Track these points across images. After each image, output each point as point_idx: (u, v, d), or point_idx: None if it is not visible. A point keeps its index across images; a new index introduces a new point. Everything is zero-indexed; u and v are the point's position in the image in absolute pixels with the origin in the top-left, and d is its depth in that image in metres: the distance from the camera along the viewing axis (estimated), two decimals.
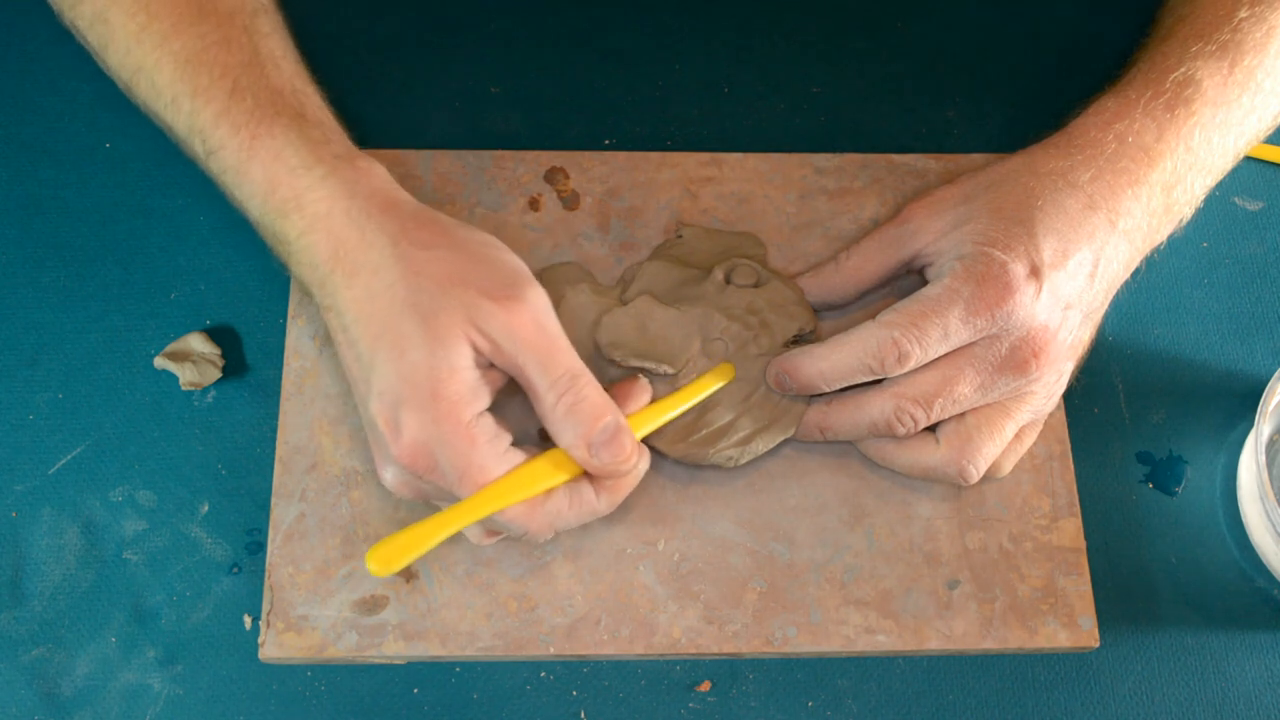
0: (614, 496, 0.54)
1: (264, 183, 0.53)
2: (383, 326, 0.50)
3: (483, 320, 0.50)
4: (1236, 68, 0.58)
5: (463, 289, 0.50)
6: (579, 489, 0.53)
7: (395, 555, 0.50)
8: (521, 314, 0.51)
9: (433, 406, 0.49)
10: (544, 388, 0.51)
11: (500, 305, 0.50)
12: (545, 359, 0.51)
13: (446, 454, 0.50)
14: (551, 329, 0.52)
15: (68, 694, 0.55)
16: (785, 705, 0.56)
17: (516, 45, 0.70)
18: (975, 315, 0.53)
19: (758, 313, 0.59)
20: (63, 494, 0.59)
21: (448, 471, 0.50)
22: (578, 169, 0.65)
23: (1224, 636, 0.58)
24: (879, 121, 0.69)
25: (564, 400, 0.51)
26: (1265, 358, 0.64)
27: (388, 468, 0.52)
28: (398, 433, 0.50)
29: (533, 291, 0.52)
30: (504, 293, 0.51)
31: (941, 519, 0.58)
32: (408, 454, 0.50)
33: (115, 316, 0.62)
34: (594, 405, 0.51)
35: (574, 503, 0.53)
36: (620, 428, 0.52)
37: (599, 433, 0.51)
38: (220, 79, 0.54)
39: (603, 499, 0.53)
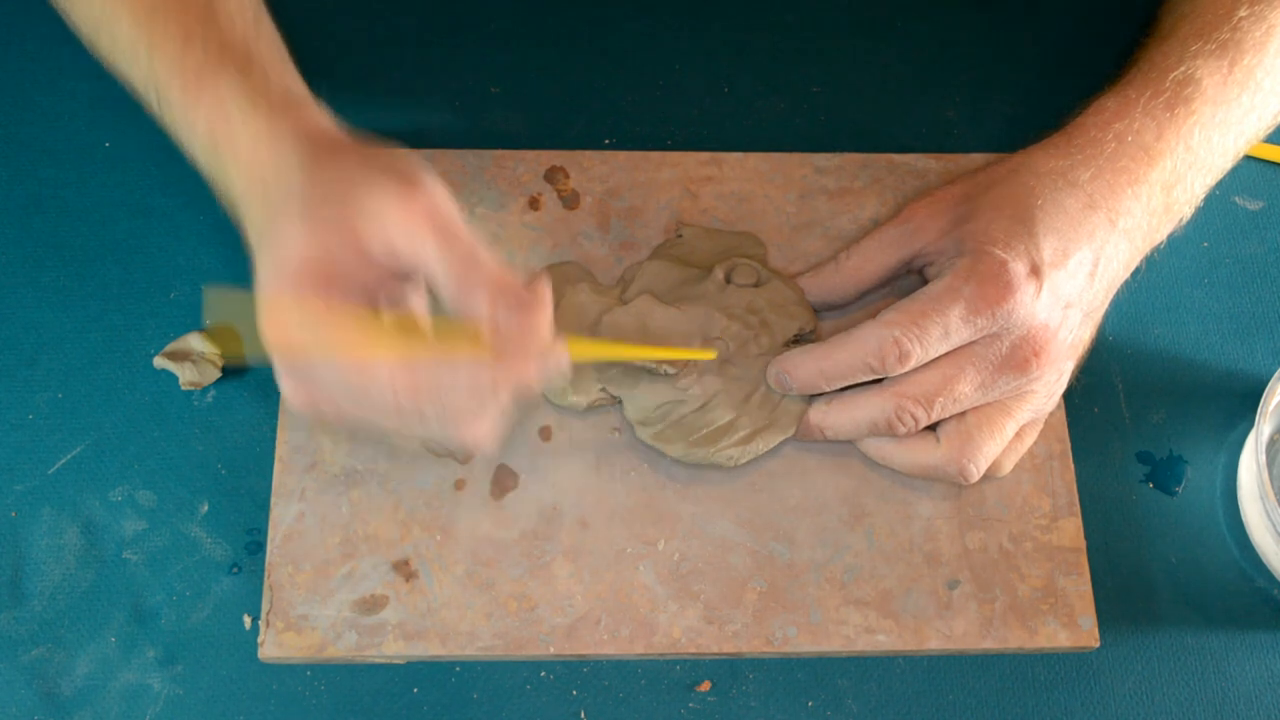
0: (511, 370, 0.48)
1: (206, 131, 0.52)
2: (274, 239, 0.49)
3: (378, 217, 0.48)
4: (1236, 67, 0.58)
5: (357, 189, 0.49)
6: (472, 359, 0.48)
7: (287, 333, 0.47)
8: (416, 204, 0.48)
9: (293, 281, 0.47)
10: (446, 264, 0.48)
11: (395, 197, 0.48)
12: (444, 242, 0.48)
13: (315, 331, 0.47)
14: (448, 214, 0.49)
15: (68, 694, 0.55)
16: (785, 705, 0.56)
17: (516, 45, 0.70)
18: (976, 314, 0.53)
19: (758, 312, 0.59)
20: (63, 494, 0.59)
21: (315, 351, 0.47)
22: (578, 169, 0.65)
23: (1224, 636, 0.58)
24: (879, 121, 0.69)
25: (469, 273, 0.48)
26: (1265, 358, 0.64)
27: (278, 372, 0.49)
28: (264, 312, 0.48)
29: (430, 182, 0.49)
30: (398, 188, 0.48)
31: (941, 519, 0.58)
32: (272, 330, 0.48)
33: (115, 316, 0.62)
34: (498, 280, 0.48)
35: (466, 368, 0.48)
36: (526, 302, 0.48)
37: (504, 307, 0.48)
38: (174, 31, 0.53)
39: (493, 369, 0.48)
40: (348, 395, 0.49)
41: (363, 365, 0.47)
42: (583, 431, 0.59)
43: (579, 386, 0.58)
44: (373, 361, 0.47)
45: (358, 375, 0.48)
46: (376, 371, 0.47)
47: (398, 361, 0.47)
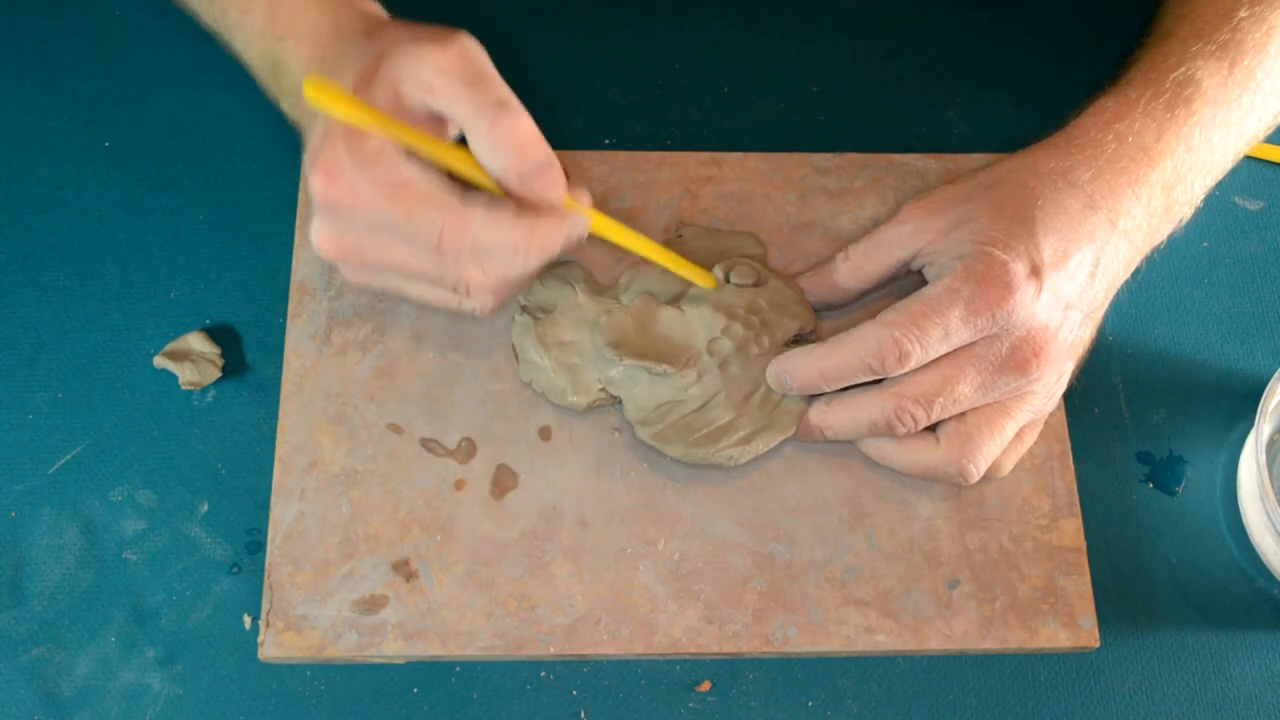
0: (537, 225, 0.51)
1: (266, 13, 0.56)
2: None
3: (412, 61, 0.51)
4: (1236, 67, 0.58)
5: (401, 44, 0.52)
6: (498, 203, 0.51)
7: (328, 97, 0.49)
8: (450, 49, 0.51)
9: (346, 132, 0.50)
10: (474, 114, 0.51)
11: (431, 45, 0.51)
12: (473, 88, 0.51)
13: (360, 171, 0.50)
14: (481, 64, 0.52)
15: (68, 694, 0.55)
16: (785, 705, 0.56)
17: (516, 45, 0.70)
18: (976, 315, 0.53)
19: (758, 312, 0.59)
20: (63, 494, 0.59)
21: (363, 189, 0.50)
22: (578, 169, 0.65)
23: (1224, 636, 0.58)
24: (879, 121, 0.69)
25: (496, 127, 0.50)
26: (1265, 358, 0.64)
27: (313, 219, 0.52)
28: (315, 163, 0.51)
29: (466, 38, 0.52)
30: (437, 38, 0.52)
31: (941, 519, 0.58)
32: (323, 178, 0.50)
33: (115, 316, 0.62)
34: (525, 135, 0.51)
35: (492, 212, 0.51)
36: (551, 162, 0.51)
37: (529, 164, 0.51)
38: None
39: (523, 222, 0.51)
40: (389, 236, 0.52)
41: (413, 210, 0.50)
42: (583, 431, 0.59)
43: (579, 386, 0.58)
44: (419, 205, 0.50)
45: (408, 214, 0.50)
46: (428, 212, 0.50)
47: (440, 206, 0.50)
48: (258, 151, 0.66)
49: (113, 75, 0.68)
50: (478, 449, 0.59)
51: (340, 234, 0.52)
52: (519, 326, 0.60)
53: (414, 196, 0.50)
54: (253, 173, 0.66)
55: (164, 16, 0.66)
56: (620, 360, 0.57)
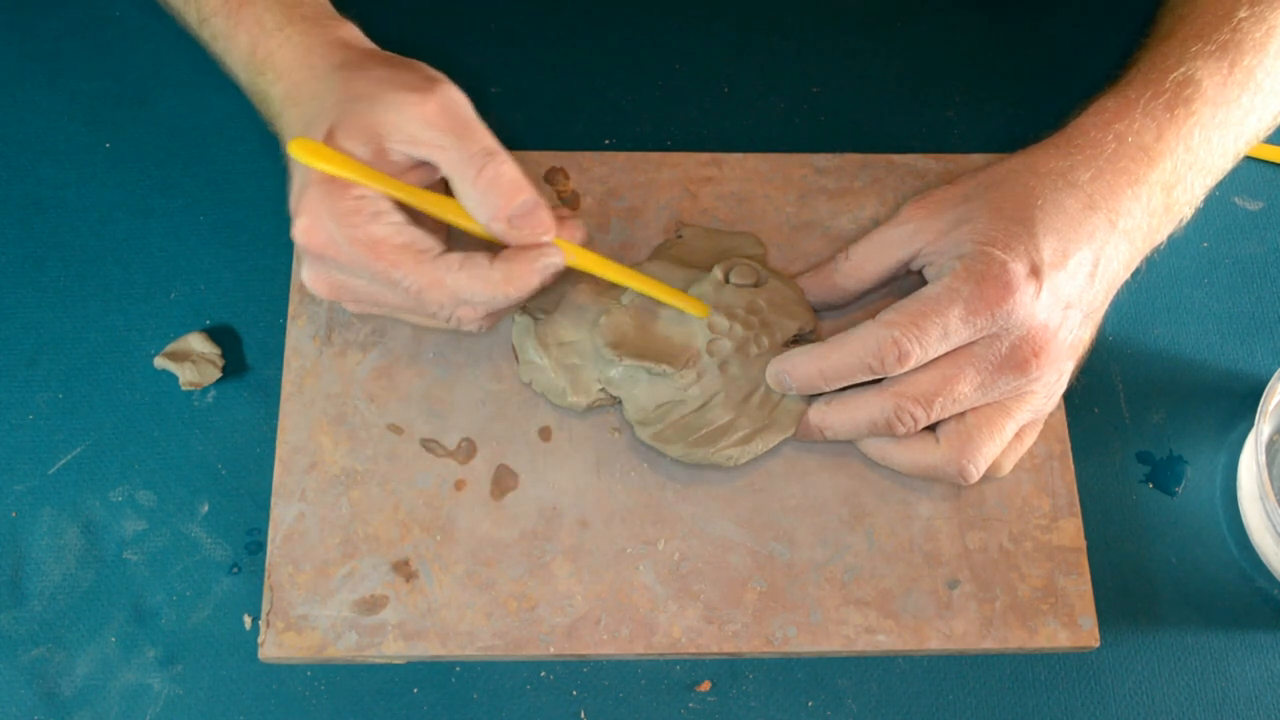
0: (512, 268, 0.53)
1: (247, 46, 0.57)
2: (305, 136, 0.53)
3: (396, 113, 0.52)
4: (1236, 68, 0.58)
5: (381, 91, 0.53)
6: (474, 256, 0.53)
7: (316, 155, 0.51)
8: (432, 102, 0.53)
9: (326, 184, 0.51)
10: (460, 163, 0.52)
11: (413, 96, 0.52)
12: (459, 139, 0.52)
13: (337, 225, 0.51)
14: (464, 114, 0.53)
15: (68, 694, 0.55)
16: (785, 705, 0.56)
17: (516, 45, 0.70)
18: (975, 314, 0.53)
19: (758, 312, 0.59)
20: (63, 494, 0.59)
21: (342, 244, 0.52)
22: (578, 169, 0.65)
23: (1224, 636, 0.58)
24: (879, 121, 0.69)
25: (483, 174, 0.52)
26: (1265, 358, 0.64)
27: (302, 262, 0.55)
28: (297, 215, 0.52)
29: (448, 87, 0.54)
30: (418, 87, 0.53)
31: (941, 519, 0.58)
32: (304, 231, 0.52)
33: (115, 316, 0.62)
34: (512, 180, 0.53)
35: (467, 262, 0.53)
36: (539, 203, 0.53)
37: (518, 206, 0.52)
38: None
39: (498, 269, 0.53)
40: (370, 285, 0.54)
41: (389, 267, 0.52)
42: (583, 431, 0.59)
43: (579, 386, 0.58)
44: (396, 263, 0.52)
45: (385, 271, 0.52)
46: (404, 270, 0.52)
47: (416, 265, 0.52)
48: (258, 153, 0.66)
49: (113, 76, 0.68)
50: (478, 449, 0.59)
51: (328, 278, 0.54)
52: (519, 327, 0.60)
53: (390, 253, 0.52)
54: (253, 173, 0.66)
55: (165, 18, 0.66)
56: (620, 360, 0.57)
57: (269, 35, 0.57)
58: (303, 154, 0.51)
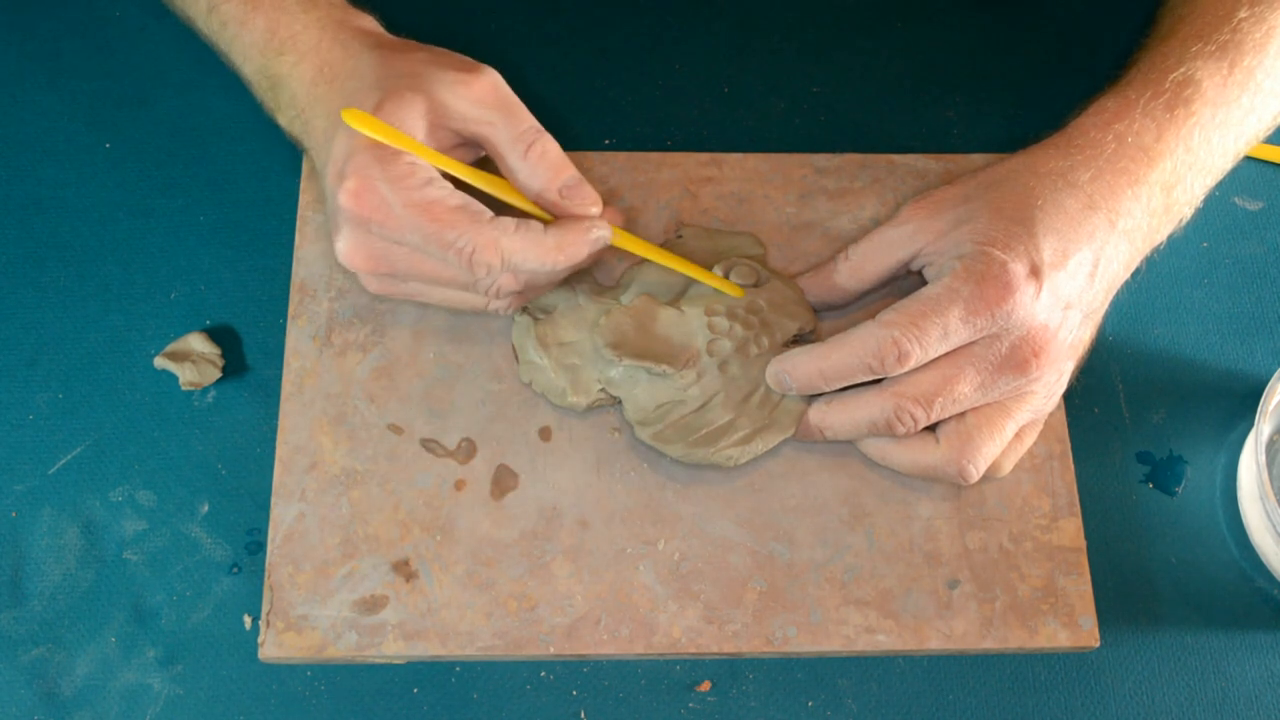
0: (565, 236, 0.54)
1: (265, 29, 0.58)
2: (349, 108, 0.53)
3: (445, 90, 0.54)
4: (1236, 68, 0.58)
5: (428, 70, 0.54)
6: (528, 221, 0.54)
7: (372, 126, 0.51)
8: (482, 82, 0.55)
9: (375, 150, 0.52)
10: (511, 139, 0.55)
11: (462, 74, 0.55)
12: (508, 116, 0.55)
13: (391, 189, 0.52)
14: (509, 95, 0.56)
15: (68, 694, 0.55)
16: (785, 705, 0.56)
17: (517, 45, 0.70)
18: (975, 315, 0.53)
19: (758, 312, 0.59)
20: (63, 494, 0.59)
21: (395, 207, 0.52)
22: (579, 169, 0.65)
23: (1224, 636, 0.58)
24: (879, 121, 0.69)
25: (533, 150, 0.55)
26: (1265, 358, 0.64)
27: (339, 232, 0.54)
28: (343, 178, 0.52)
29: (491, 70, 0.56)
30: (466, 67, 0.55)
31: (941, 519, 0.58)
32: (352, 195, 0.52)
33: (115, 316, 0.62)
34: (559, 157, 0.55)
35: (522, 226, 0.54)
36: (583, 180, 0.56)
37: (567, 179, 0.55)
38: None
39: (551, 235, 0.54)
40: (419, 250, 0.54)
41: (445, 227, 0.52)
42: (583, 431, 0.59)
43: (579, 386, 0.58)
44: (452, 224, 0.52)
45: (440, 232, 0.52)
46: (461, 229, 0.52)
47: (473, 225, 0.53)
48: (258, 153, 0.66)
49: (114, 76, 0.68)
50: (478, 449, 0.59)
51: (369, 246, 0.54)
52: (519, 327, 0.60)
53: (446, 214, 0.52)
54: (253, 174, 0.66)
55: (165, 18, 0.66)
56: (620, 361, 0.57)
57: (293, 17, 0.57)
58: (357, 122, 0.51)
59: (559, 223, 0.55)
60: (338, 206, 0.53)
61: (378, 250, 0.54)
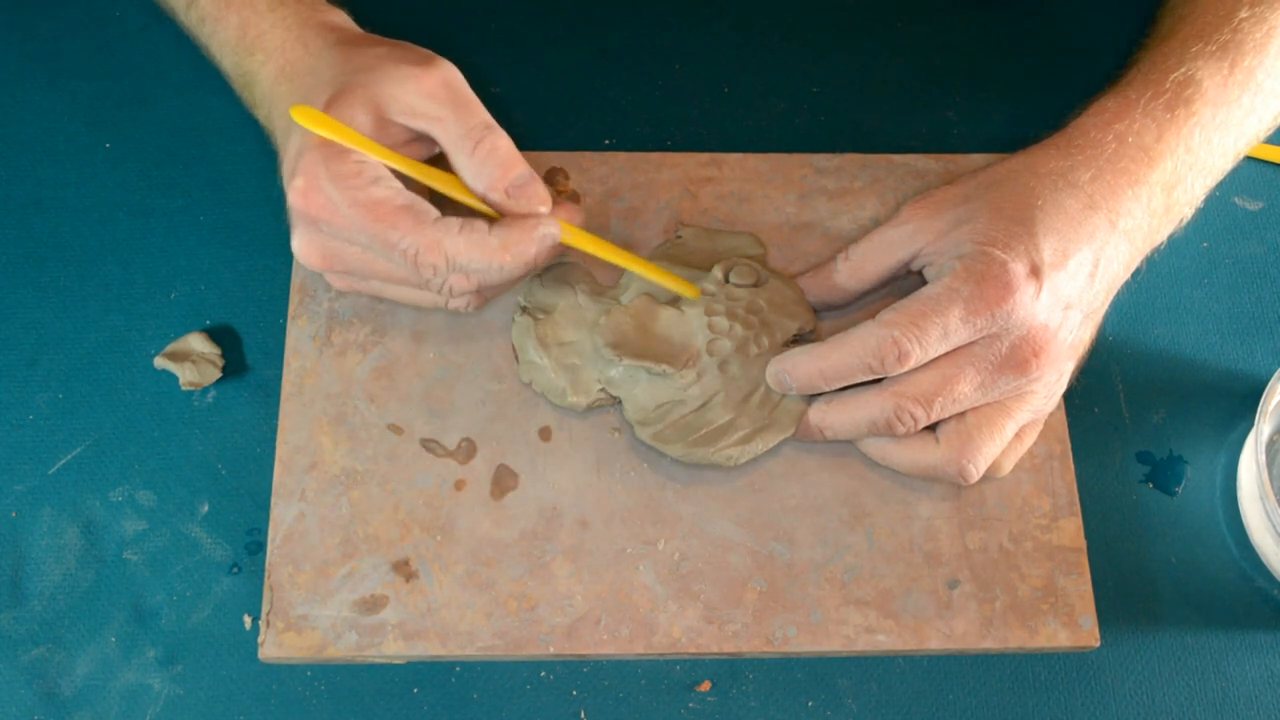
0: (510, 236, 0.53)
1: (237, 27, 0.58)
2: None
3: (395, 85, 0.53)
4: (1236, 68, 0.58)
5: (382, 67, 0.54)
6: (472, 219, 0.54)
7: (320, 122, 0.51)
8: (433, 76, 0.54)
9: (324, 149, 0.52)
10: (459, 135, 0.54)
11: (415, 69, 0.54)
12: (458, 112, 0.54)
13: (336, 188, 0.52)
14: (463, 90, 0.55)
15: (68, 694, 0.55)
16: (785, 705, 0.56)
17: (517, 45, 0.70)
18: (975, 314, 0.53)
19: (758, 312, 0.59)
20: (63, 494, 0.59)
21: (341, 206, 0.52)
22: (578, 169, 0.65)
23: (1224, 636, 0.58)
24: (879, 121, 0.69)
25: (481, 146, 0.53)
26: (1265, 358, 0.64)
27: (294, 230, 0.55)
28: (292, 176, 0.53)
29: (447, 64, 0.55)
30: (419, 62, 0.54)
31: (941, 519, 0.58)
32: (300, 193, 0.52)
33: (115, 316, 0.62)
34: (509, 153, 0.54)
35: (466, 227, 0.53)
36: (535, 177, 0.54)
37: (515, 176, 0.54)
38: None
39: (496, 235, 0.53)
40: (363, 252, 0.54)
41: (387, 228, 0.52)
42: (583, 431, 0.59)
43: (579, 386, 0.58)
44: (395, 224, 0.52)
45: (384, 233, 0.52)
46: (404, 231, 0.52)
47: (415, 226, 0.52)
48: (258, 153, 0.66)
49: (114, 76, 0.68)
50: (478, 449, 0.59)
51: (322, 245, 0.54)
52: (519, 327, 0.60)
53: (390, 214, 0.52)
54: (253, 174, 0.66)
55: (165, 18, 0.66)
56: (620, 360, 0.57)
57: (260, 16, 0.57)
58: (305, 119, 0.51)
59: (505, 222, 0.54)
60: (289, 205, 0.53)
61: (330, 249, 0.55)
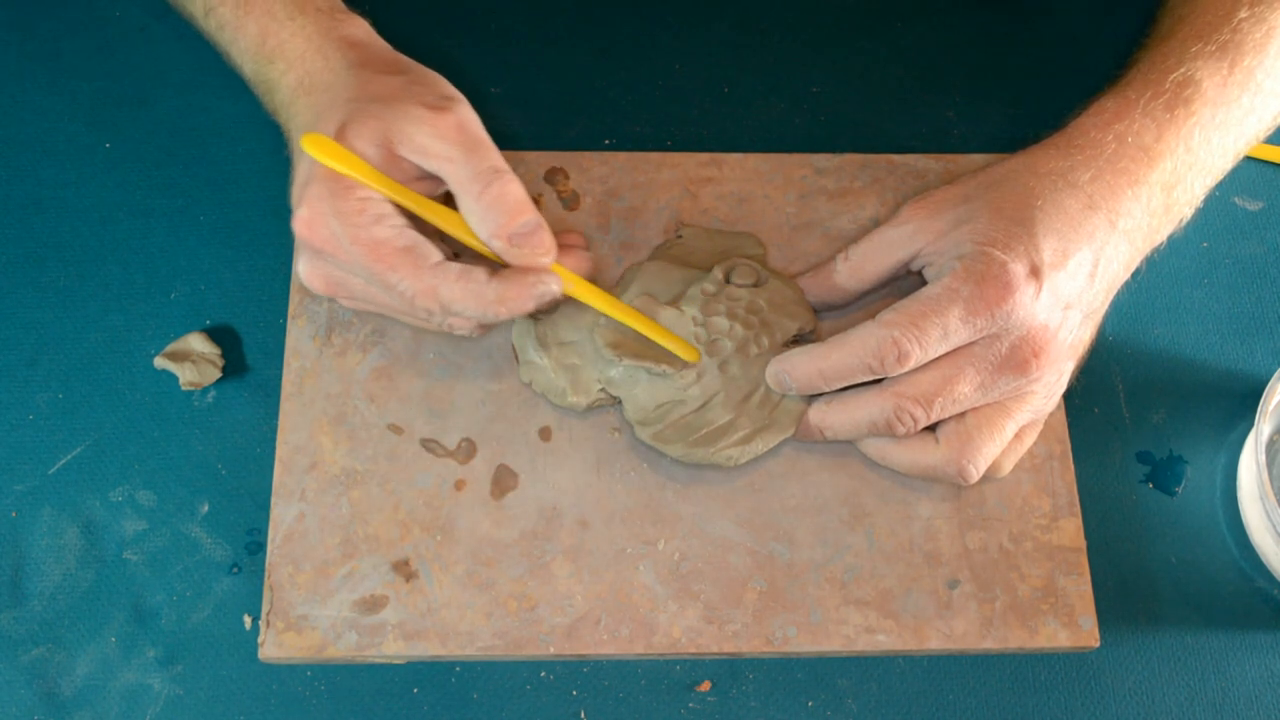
0: (507, 289, 0.53)
1: (256, 35, 0.58)
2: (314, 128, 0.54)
3: (410, 124, 0.53)
4: (1236, 68, 0.58)
5: (398, 102, 0.53)
6: (472, 269, 0.53)
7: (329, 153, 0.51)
8: (447, 118, 0.53)
9: (331, 182, 0.52)
10: (467, 179, 0.53)
11: (429, 111, 0.53)
12: (469, 154, 0.53)
13: (340, 223, 0.52)
14: (477, 133, 0.54)
15: (68, 694, 0.55)
16: (785, 705, 0.56)
17: (516, 45, 0.70)
18: (975, 315, 0.53)
19: (758, 312, 0.59)
20: (63, 494, 0.59)
21: (343, 241, 0.52)
22: (578, 169, 0.65)
23: (1224, 636, 0.58)
24: (879, 121, 0.69)
25: (488, 192, 0.53)
26: (1265, 358, 0.64)
27: (299, 255, 0.55)
28: (299, 204, 0.53)
29: (463, 106, 0.55)
30: (435, 104, 0.54)
31: (941, 519, 0.58)
32: (305, 224, 0.53)
33: (115, 316, 0.62)
34: (517, 200, 0.53)
35: (463, 275, 0.53)
36: (541, 225, 0.53)
37: (520, 225, 0.53)
38: None
39: (492, 287, 0.53)
40: (366, 286, 0.54)
41: (387, 270, 0.52)
42: (583, 431, 0.59)
43: (579, 386, 0.58)
44: (394, 266, 0.52)
45: (382, 274, 0.52)
46: (401, 274, 0.52)
47: (414, 270, 0.52)
48: (258, 153, 0.66)
49: (114, 76, 0.68)
50: (478, 449, 0.59)
51: (326, 273, 0.55)
52: (519, 327, 0.60)
53: (390, 255, 0.52)
54: (253, 174, 0.66)
55: (165, 18, 0.66)
56: (619, 361, 0.57)
57: (280, 25, 0.57)
58: (315, 149, 0.51)
59: (504, 274, 0.53)
60: (294, 231, 0.54)
61: (335, 277, 0.55)
